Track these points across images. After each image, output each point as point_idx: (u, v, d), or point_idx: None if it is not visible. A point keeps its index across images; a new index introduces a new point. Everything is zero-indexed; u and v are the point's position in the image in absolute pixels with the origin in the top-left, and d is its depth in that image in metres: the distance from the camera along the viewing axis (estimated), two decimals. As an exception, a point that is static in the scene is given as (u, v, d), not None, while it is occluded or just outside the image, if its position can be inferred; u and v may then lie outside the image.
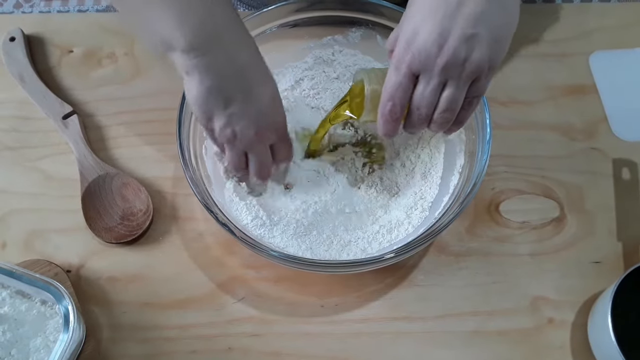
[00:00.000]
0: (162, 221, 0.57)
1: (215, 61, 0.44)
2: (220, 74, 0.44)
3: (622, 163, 0.59)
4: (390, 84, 0.45)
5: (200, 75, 0.44)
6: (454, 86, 0.44)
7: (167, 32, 0.43)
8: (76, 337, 0.47)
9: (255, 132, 0.47)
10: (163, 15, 0.42)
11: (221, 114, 0.45)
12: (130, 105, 0.63)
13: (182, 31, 0.42)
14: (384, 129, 0.47)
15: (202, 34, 0.43)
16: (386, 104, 0.45)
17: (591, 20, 0.67)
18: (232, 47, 0.44)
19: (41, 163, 0.60)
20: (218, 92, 0.44)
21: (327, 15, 0.57)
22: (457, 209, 0.48)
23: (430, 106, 0.45)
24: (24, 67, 0.63)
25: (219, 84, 0.44)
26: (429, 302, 0.53)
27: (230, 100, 0.45)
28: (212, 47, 0.43)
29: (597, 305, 0.50)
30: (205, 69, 0.43)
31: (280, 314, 0.53)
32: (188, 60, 0.43)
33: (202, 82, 0.44)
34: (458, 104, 0.45)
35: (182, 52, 0.43)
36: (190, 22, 0.42)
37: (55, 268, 0.54)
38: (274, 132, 0.49)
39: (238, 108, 0.45)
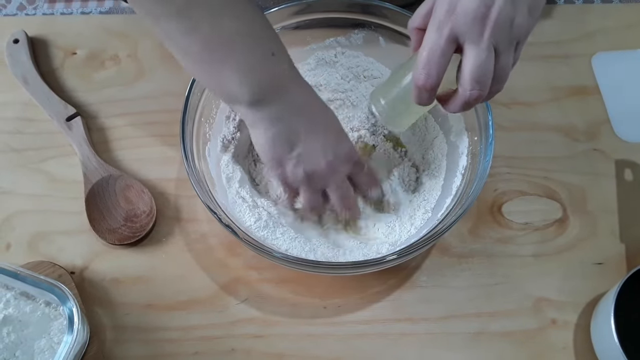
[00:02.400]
0: (165, 223, 0.57)
1: (277, 111, 0.46)
2: (283, 121, 0.46)
3: (624, 164, 0.59)
4: (427, 46, 0.41)
5: (264, 126, 0.46)
6: (507, 52, 0.41)
7: (232, 88, 0.45)
8: (80, 338, 0.47)
9: (325, 165, 0.48)
10: (228, 71, 0.44)
11: (289, 157, 0.47)
12: (134, 107, 0.63)
13: (246, 87, 0.44)
14: (418, 97, 0.44)
15: (265, 89, 0.45)
16: (421, 71, 0.42)
17: (593, 21, 0.67)
18: (292, 94, 0.46)
19: (45, 165, 0.60)
20: (282, 138, 0.46)
21: (329, 17, 0.57)
22: (459, 211, 0.48)
23: (488, 77, 0.41)
24: (27, 69, 0.63)
25: (283, 129, 0.46)
26: (432, 304, 0.53)
27: (295, 142, 0.47)
28: (274, 99, 0.45)
29: (600, 307, 0.50)
30: (269, 119, 0.46)
31: (283, 315, 0.53)
32: (252, 113, 0.46)
33: (267, 131, 0.46)
34: (509, 72, 0.42)
35: (246, 106, 0.45)
36: (255, 80, 0.44)
37: (59, 270, 0.54)
38: (346, 161, 0.49)
39: (304, 147, 0.47)
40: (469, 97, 0.42)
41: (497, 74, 0.42)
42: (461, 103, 0.43)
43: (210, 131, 0.56)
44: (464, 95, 0.42)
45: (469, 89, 0.41)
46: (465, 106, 0.43)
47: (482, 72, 0.41)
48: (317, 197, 0.50)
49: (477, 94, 0.41)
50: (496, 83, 0.42)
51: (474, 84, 0.41)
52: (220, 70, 0.44)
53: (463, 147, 0.54)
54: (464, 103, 0.43)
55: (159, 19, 0.43)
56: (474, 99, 0.42)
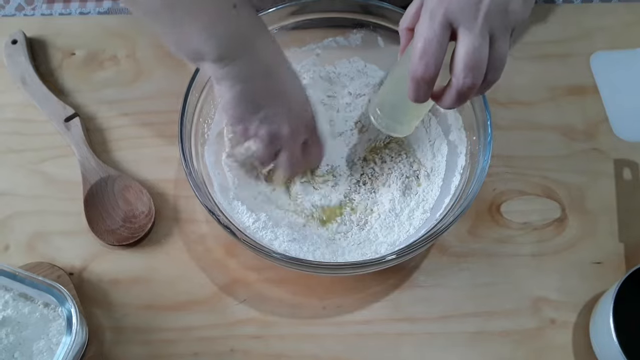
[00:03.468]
0: (164, 223, 0.57)
1: (244, 68, 0.45)
2: (249, 80, 0.45)
3: (623, 163, 0.59)
4: (421, 37, 0.39)
5: (230, 82, 0.45)
6: (502, 39, 0.39)
7: (197, 44, 0.44)
8: (79, 339, 0.47)
9: (288, 131, 0.47)
10: (192, 28, 0.43)
11: (253, 118, 0.47)
12: (132, 107, 0.63)
13: (210, 43, 0.43)
14: (415, 93, 0.41)
15: (230, 44, 0.44)
16: (418, 62, 0.39)
17: (592, 20, 0.67)
18: (259, 53, 0.45)
19: (44, 166, 0.60)
20: (248, 97, 0.46)
21: (327, 17, 0.57)
22: (458, 210, 0.48)
23: (482, 65, 0.39)
24: (26, 70, 0.63)
25: (248, 89, 0.45)
26: (431, 303, 0.53)
27: (260, 104, 0.46)
28: (239, 55, 0.44)
29: (599, 306, 0.50)
30: (235, 76, 0.45)
31: (282, 316, 0.53)
32: (218, 69, 0.45)
33: (232, 88, 0.45)
34: (506, 60, 0.40)
35: (212, 62, 0.44)
36: (219, 33, 0.43)
37: (57, 271, 0.54)
38: (305, 129, 0.49)
39: (269, 110, 0.46)
40: (462, 86, 0.39)
41: (492, 61, 0.39)
42: (455, 94, 0.40)
43: (209, 131, 0.56)
44: (457, 85, 0.40)
45: (463, 76, 0.39)
46: (459, 98, 0.41)
47: (476, 59, 0.38)
48: (270, 154, 0.49)
49: (470, 83, 0.39)
50: (492, 72, 0.40)
51: (467, 72, 0.39)
52: (182, 27, 0.43)
53: (462, 147, 0.54)
54: (457, 94, 0.40)
55: None
56: (468, 88, 0.40)
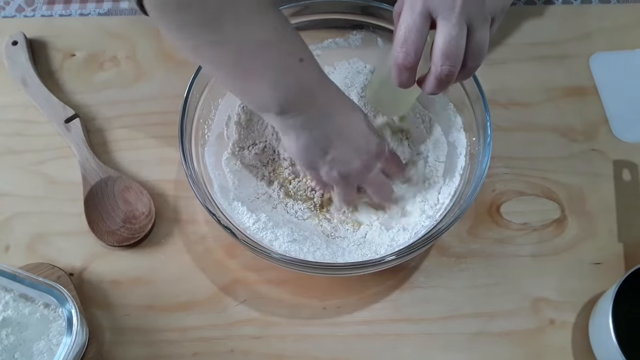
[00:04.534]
0: (164, 224, 0.57)
1: (307, 118, 0.46)
2: (314, 128, 0.46)
3: (622, 164, 0.59)
4: (402, 25, 0.42)
5: (295, 134, 0.47)
6: (481, 28, 0.41)
7: (262, 98, 0.45)
8: (79, 340, 0.47)
9: (359, 166, 0.48)
10: (259, 83, 0.44)
11: (323, 163, 0.48)
12: (133, 108, 0.63)
13: (276, 97, 0.44)
14: (398, 78, 0.44)
15: (294, 98, 0.45)
16: (399, 50, 0.42)
17: (591, 21, 0.67)
18: (321, 102, 0.46)
19: (44, 167, 0.60)
20: (314, 145, 0.47)
21: (327, 18, 0.57)
22: (458, 211, 0.48)
23: (459, 53, 0.41)
24: (26, 71, 0.63)
25: (315, 136, 0.47)
26: (431, 304, 0.54)
27: (327, 148, 0.47)
28: (303, 107, 0.45)
29: (598, 307, 0.50)
30: (300, 127, 0.46)
31: (282, 316, 0.53)
32: (283, 121, 0.46)
33: (298, 139, 0.47)
34: (486, 48, 0.42)
35: (276, 115, 0.45)
36: (284, 88, 0.44)
37: (58, 271, 0.54)
38: (377, 158, 0.50)
39: (337, 152, 0.48)
40: (440, 72, 0.41)
41: (471, 50, 0.41)
42: (434, 80, 0.42)
43: (209, 132, 0.56)
44: (435, 72, 0.42)
45: (440, 64, 0.41)
46: (439, 84, 0.43)
47: (453, 48, 0.40)
48: (352, 191, 0.51)
49: (447, 70, 0.41)
50: (471, 59, 0.42)
51: (444, 60, 0.41)
52: (248, 81, 0.44)
53: (461, 148, 0.54)
54: (436, 80, 0.42)
55: (185, 31, 0.42)
56: (446, 75, 0.42)
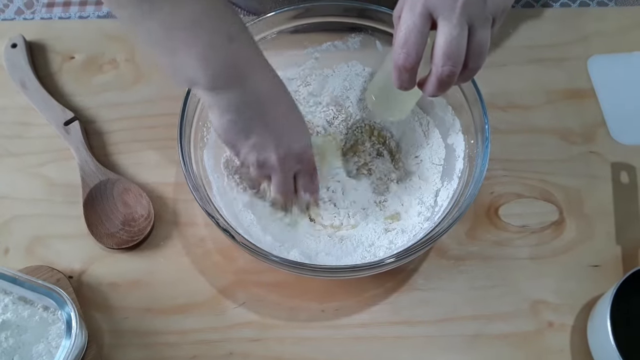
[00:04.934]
0: (163, 227, 0.57)
1: (235, 97, 0.45)
2: (240, 109, 0.46)
3: (620, 167, 0.59)
4: (403, 26, 0.41)
5: (220, 110, 0.46)
6: (482, 28, 0.41)
7: (191, 71, 0.44)
8: (78, 342, 0.47)
9: (275, 160, 0.48)
10: (187, 54, 0.43)
11: (243, 144, 0.48)
12: (132, 111, 0.63)
13: (204, 71, 0.44)
14: (399, 81, 0.44)
15: (220, 75, 0.44)
16: (400, 51, 0.42)
17: (589, 24, 0.68)
18: (251, 84, 0.46)
19: (43, 169, 0.60)
20: (238, 124, 0.47)
21: (326, 21, 0.57)
22: (456, 213, 0.48)
23: (460, 53, 0.40)
24: (25, 74, 0.63)
25: (239, 117, 0.46)
26: (429, 306, 0.54)
27: (250, 131, 0.47)
28: (231, 86, 0.45)
29: (597, 309, 0.50)
30: (226, 104, 0.46)
31: (281, 319, 0.53)
32: (210, 97, 0.46)
33: (222, 115, 0.46)
34: (487, 49, 0.41)
35: (204, 89, 0.45)
36: (212, 62, 0.44)
37: (57, 274, 0.54)
38: (296, 160, 0.50)
39: (258, 139, 0.47)
40: (441, 73, 0.41)
41: (472, 50, 0.41)
42: (435, 81, 0.42)
43: (208, 135, 0.56)
44: (437, 73, 0.41)
45: (441, 64, 0.41)
46: (440, 85, 0.42)
47: (454, 48, 0.40)
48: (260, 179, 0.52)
49: (449, 70, 0.41)
50: (473, 60, 0.42)
51: (446, 60, 0.41)
52: (177, 54, 0.44)
53: (459, 150, 0.55)
54: (437, 81, 0.42)
55: (120, 3, 0.43)
56: (447, 76, 0.41)
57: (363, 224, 0.55)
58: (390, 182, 0.57)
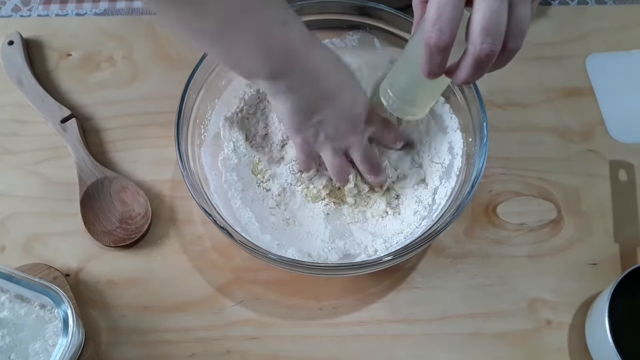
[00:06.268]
0: (160, 224, 0.57)
1: (294, 82, 0.46)
2: (300, 90, 0.47)
3: (618, 165, 0.60)
4: (435, 1, 0.36)
5: (284, 97, 0.47)
6: (522, 2, 0.36)
7: (249, 65, 0.45)
8: (75, 341, 0.47)
9: (345, 128, 0.49)
10: (243, 49, 0.44)
11: (309, 125, 0.48)
12: (129, 108, 0.63)
13: (262, 63, 0.45)
14: (429, 65, 0.39)
15: (280, 62, 0.45)
16: (431, 29, 0.37)
17: (588, 22, 0.68)
18: (308, 64, 0.46)
19: (40, 167, 0.60)
20: (301, 107, 0.48)
21: (324, 19, 0.57)
22: (454, 212, 0.48)
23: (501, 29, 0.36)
24: (22, 71, 0.63)
25: (301, 98, 0.47)
26: (427, 304, 0.54)
27: (314, 110, 0.48)
28: (291, 71, 0.46)
29: (595, 307, 0.50)
30: (288, 90, 0.47)
31: (279, 317, 0.53)
32: (271, 86, 0.47)
33: (286, 102, 0.47)
34: (527, 27, 0.37)
35: (264, 80, 0.46)
36: (269, 53, 0.45)
37: (54, 272, 0.54)
38: (365, 123, 0.50)
39: (323, 114, 0.48)
40: (479, 52, 0.36)
41: (512, 27, 0.37)
42: (472, 63, 0.37)
43: (205, 133, 0.56)
44: (474, 52, 0.37)
45: (480, 42, 0.36)
46: (477, 67, 0.38)
47: (494, 23, 0.36)
48: (341, 159, 0.50)
49: (488, 49, 0.36)
50: (512, 39, 0.37)
51: (485, 37, 0.36)
52: (234, 48, 0.44)
53: (458, 148, 0.54)
54: (475, 62, 0.37)
55: (170, 6, 0.42)
56: (486, 55, 0.37)
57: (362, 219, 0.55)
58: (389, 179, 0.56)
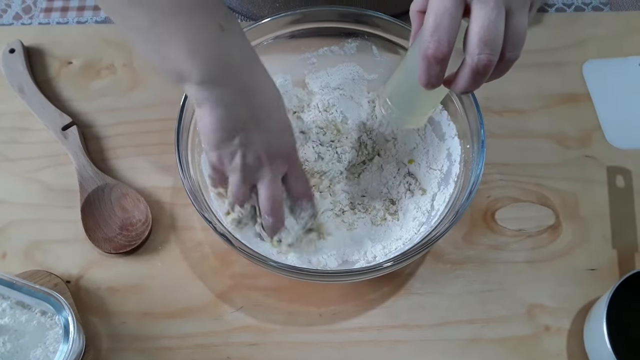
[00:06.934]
0: (161, 231, 0.57)
1: (226, 93, 0.43)
2: (230, 105, 0.44)
3: (616, 170, 0.60)
4: (432, 11, 0.37)
5: (210, 106, 0.44)
6: (520, 12, 0.37)
7: (180, 65, 0.42)
8: (76, 347, 0.47)
9: (265, 159, 0.45)
10: (176, 47, 0.41)
11: (229, 143, 0.45)
12: (129, 116, 0.63)
13: (194, 65, 0.42)
14: (426, 75, 0.39)
15: (213, 68, 0.42)
16: (429, 39, 0.37)
17: (584, 29, 0.68)
18: (243, 78, 0.44)
19: (41, 174, 0.60)
20: (225, 123, 0.44)
21: (323, 26, 0.58)
22: (453, 218, 0.49)
23: (498, 39, 0.36)
24: (23, 79, 0.63)
25: (228, 114, 0.44)
26: (426, 310, 0.54)
27: (238, 129, 0.45)
28: (223, 80, 0.43)
29: (593, 313, 0.50)
30: (216, 100, 0.43)
31: (279, 323, 0.53)
32: (199, 92, 0.43)
33: (212, 112, 0.44)
34: (525, 36, 0.37)
35: (194, 84, 0.43)
36: (202, 55, 0.42)
37: (55, 279, 0.54)
38: (285, 160, 0.47)
39: (246, 137, 0.45)
40: (477, 62, 0.37)
41: (509, 37, 0.37)
42: (470, 73, 0.38)
43: (206, 140, 0.56)
44: (472, 63, 0.37)
45: (477, 52, 0.37)
46: (475, 77, 0.38)
47: (492, 33, 0.36)
48: (245, 189, 0.47)
49: (486, 59, 0.37)
50: (510, 49, 0.38)
51: (482, 47, 0.36)
52: (166, 46, 0.41)
53: (456, 155, 0.55)
54: (473, 73, 0.38)
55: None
56: (484, 66, 0.37)
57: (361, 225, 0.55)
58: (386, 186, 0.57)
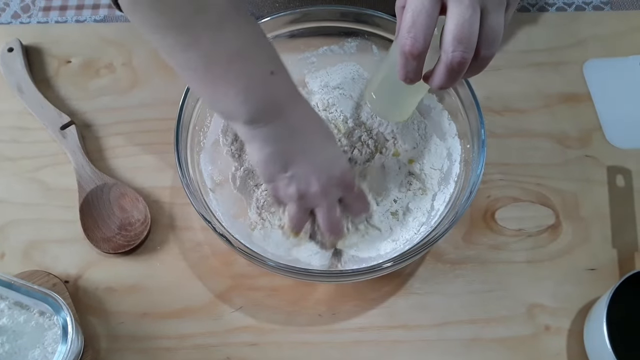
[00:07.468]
0: (160, 231, 0.57)
1: (273, 131, 0.45)
2: (279, 141, 0.46)
3: (616, 170, 0.60)
4: (409, 9, 0.38)
5: (259, 144, 0.46)
6: (495, 11, 0.38)
7: (231, 107, 0.44)
8: (74, 348, 0.47)
9: (317, 188, 0.47)
10: (228, 90, 0.43)
11: (283, 177, 0.47)
12: (128, 115, 0.63)
13: (244, 106, 0.44)
14: (404, 70, 0.40)
15: (262, 110, 0.44)
16: (406, 36, 0.38)
17: (585, 28, 0.68)
18: (289, 115, 0.45)
19: (39, 174, 0.60)
20: (277, 157, 0.46)
21: (323, 26, 0.58)
22: (453, 218, 0.49)
23: (472, 37, 0.37)
24: (22, 78, 0.63)
25: (278, 150, 0.46)
26: (426, 310, 0.54)
27: (289, 163, 0.46)
28: (270, 119, 0.45)
29: (593, 312, 0.50)
30: (265, 138, 0.45)
31: (278, 323, 0.53)
32: (249, 131, 0.45)
33: (262, 149, 0.46)
34: (501, 34, 0.38)
35: (243, 124, 0.45)
36: (252, 97, 0.44)
37: (53, 279, 0.54)
38: (338, 184, 0.48)
39: (298, 169, 0.47)
40: (451, 60, 0.38)
41: (485, 35, 0.38)
42: (445, 70, 0.39)
43: (205, 139, 0.56)
44: (446, 60, 0.38)
45: (451, 50, 0.38)
46: (450, 74, 0.39)
47: (466, 31, 0.37)
48: (304, 216, 0.50)
49: (460, 56, 0.38)
50: (485, 46, 0.39)
51: (457, 45, 0.38)
52: (218, 87, 0.43)
53: (456, 155, 0.55)
54: (447, 69, 0.39)
55: (157, 31, 0.42)
56: (458, 64, 0.38)
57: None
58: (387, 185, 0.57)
